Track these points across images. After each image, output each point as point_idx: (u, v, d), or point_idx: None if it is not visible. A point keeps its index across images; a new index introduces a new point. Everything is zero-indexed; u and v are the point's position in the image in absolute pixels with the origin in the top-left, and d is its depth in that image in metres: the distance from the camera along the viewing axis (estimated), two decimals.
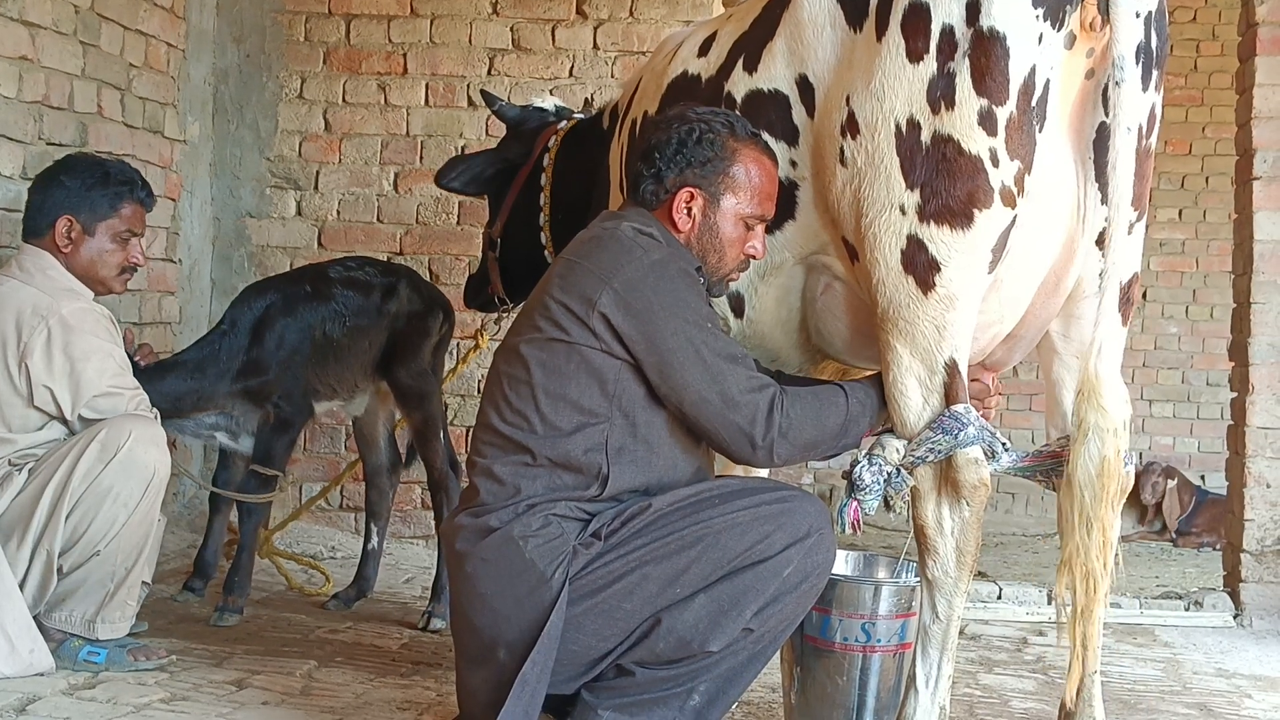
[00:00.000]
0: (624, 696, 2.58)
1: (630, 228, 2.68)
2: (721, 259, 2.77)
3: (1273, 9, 4.65)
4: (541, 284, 2.73)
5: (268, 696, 3.23)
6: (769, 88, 2.83)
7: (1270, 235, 4.66)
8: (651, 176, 2.74)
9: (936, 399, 2.62)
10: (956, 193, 2.53)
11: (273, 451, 4.19)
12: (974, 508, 2.64)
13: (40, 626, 3.30)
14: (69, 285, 3.45)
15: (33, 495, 3.28)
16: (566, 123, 4.06)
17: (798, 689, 2.93)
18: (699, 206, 2.73)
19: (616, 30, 5.65)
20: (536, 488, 2.59)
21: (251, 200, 5.76)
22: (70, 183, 3.50)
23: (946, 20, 2.52)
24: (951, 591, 2.66)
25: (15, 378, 3.33)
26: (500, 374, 2.69)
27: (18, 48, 4.20)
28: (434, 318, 4.52)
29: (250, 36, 5.75)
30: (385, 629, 4.11)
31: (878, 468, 2.63)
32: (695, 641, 2.53)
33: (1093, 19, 2.52)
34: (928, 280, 2.57)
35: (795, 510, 2.58)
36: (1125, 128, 2.51)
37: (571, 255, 2.70)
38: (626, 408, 2.60)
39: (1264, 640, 4.47)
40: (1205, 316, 9.11)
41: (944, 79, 2.52)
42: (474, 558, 2.59)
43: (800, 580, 2.57)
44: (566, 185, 3.90)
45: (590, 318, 2.57)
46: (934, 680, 2.68)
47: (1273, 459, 4.64)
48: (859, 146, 2.61)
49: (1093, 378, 2.56)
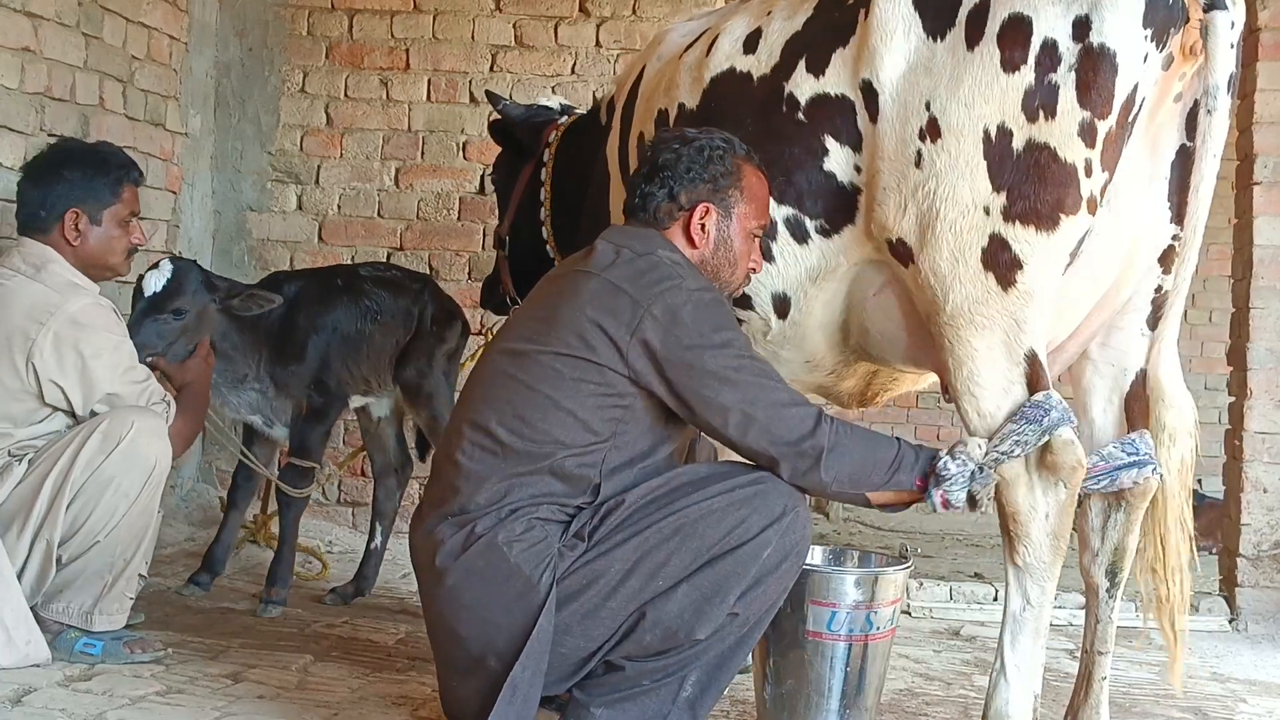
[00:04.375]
0: (615, 692, 2.58)
1: (666, 254, 2.69)
2: (733, 273, 2.81)
3: (1274, 14, 4.66)
4: (563, 294, 2.68)
5: (263, 690, 3.23)
6: (836, 92, 2.86)
7: (1270, 240, 4.66)
8: (664, 195, 2.75)
9: (1020, 389, 2.66)
10: (1046, 197, 2.61)
11: (307, 442, 4.27)
12: (1070, 490, 2.66)
13: (37, 618, 3.30)
14: (74, 280, 3.44)
15: (33, 485, 3.28)
16: (567, 119, 4.06)
17: (770, 683, 2.96)
18: (713, 222, 2.76)
19: (619, 28, 5.66)
20: (523, 494, 2.57)
21: (252, 194, 5.77)
22: (72, 174, 3.48)
23: (1050, 34, 2.59)
24: (1044, 577, 2.68)
25: (23, 375, 3.32)
26: (503, 375, 2.66)
27: (20, 39, 4.20)
28: (451, 327, 4.61)
29: (253, 30, 5.75)
30: (381, 624, 4.12)
31: (962, 460, 2.63)
32: (682, 631, 2.54)
33: (1194, 44, 2.60)
34: (1009, 277, 2.64)
35: (769, 492, 2.58)
36: (1212, 154, 2.63)
37: (607, 274, 2.65)
38: (632, 433, 2.61)
39: (1259, 645, 4.48)
40: (1204, 321, 9.11)
41: (1044, 89, 2.59)
42: (457, 570, 2.57)
43: (780, 560, 2.58)
44: (565, 181, 3.91)
45: (627, 343, 2.56)
46: (1028, 669, 2.70)
47: (1270, 464, 4.64)
48: (940, 149, 2.67)
49: (1159, 387, 2.76)
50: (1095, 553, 2.89)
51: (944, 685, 3.74)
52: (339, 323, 4.34)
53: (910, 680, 3.76)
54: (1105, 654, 2.91)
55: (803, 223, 2.92)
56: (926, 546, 5.94)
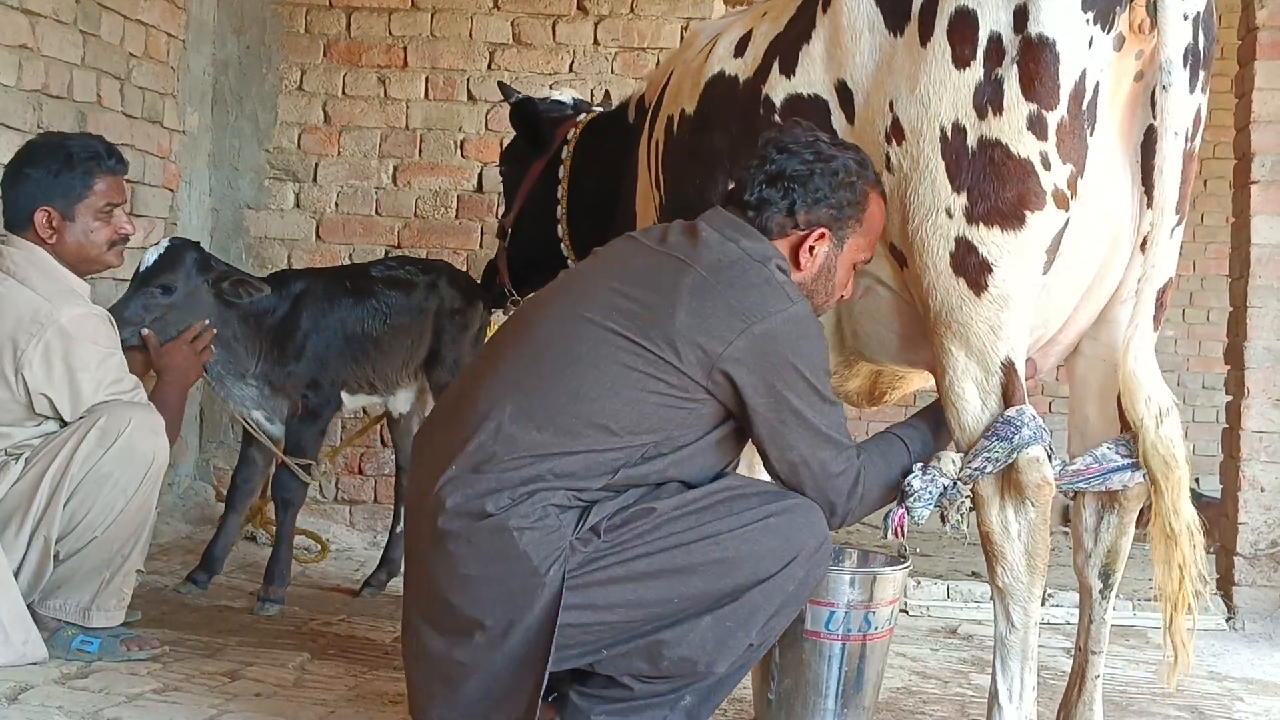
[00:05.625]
0: (617, 703, 2.53)
1: (779, 272, 2.57)
2: (827, 300, 2.71)
3: (1272, 13, 4.65)
4: (658, 283, 2.51)
5: (260, 688, 3.22)
6: (808, 92, 2.81)
7: (1268, 239, 4.66)
8: (784, 208, 2.62)
9: (995, 400, 2.59)
10: (1006, 195, 2.52)
11: (303, 441, 4.28)
12: (1039, 508, 2.60)
13: (34, 614, 3.30)
14: (67, 286, 3.39)
15: (31, 482, 3.27)
16: (586, 116, 4.04)
17: (768, 682, 2.95)
18: (825, 249, 2.64)
19: (617, 26, 5.65)
20: (543, 472, 2.45)
21: (250, 192, 5.76)
22: (35, 172, 3.38)
23: (994, 27, 2.51)
24: (1025, 598, 2.62)
25: (13, 385, 3.29)
26: (564, 341, 2.51)
27: (17, 36, 4.20)
28: (473, 310, 4.59)
29: (250, 28, 5.75)
30: (379, 622, 4.11)
31: (931, 478, 2.60)
32: (701, 663, 2.48)
33: (1141, 21, 2.50)
34: (979, 281, 2.56)
35: (801, 521, 2.52)
36: (1173, 132, 2.50)
37: (711, 275, 2.51)
38: (682, 430, 2.51)
39: (1256, 643, 4.48)
40: (1202, 319, 9.11)
41: (991, 85, 2.52)
42: (459, 538, 2.44)
43: (802, 590, 2.55)
44: (586, 179, 3.88)
45: (716, 356, 2.45)
46: (1018, 693, 2.65)
47: (1267, 463, 4.64)
48: (904, 152, 2.61)
49: (1131, 379, 2.58)
50: (1089, 554, 2.85)
51: (941, 684, 3.75)
52: (341, 324, 4.32)
53: (907, 679, 3.76)
54: (1099, 653, 2.89)
55: None
56: (924, 545, 5.93)
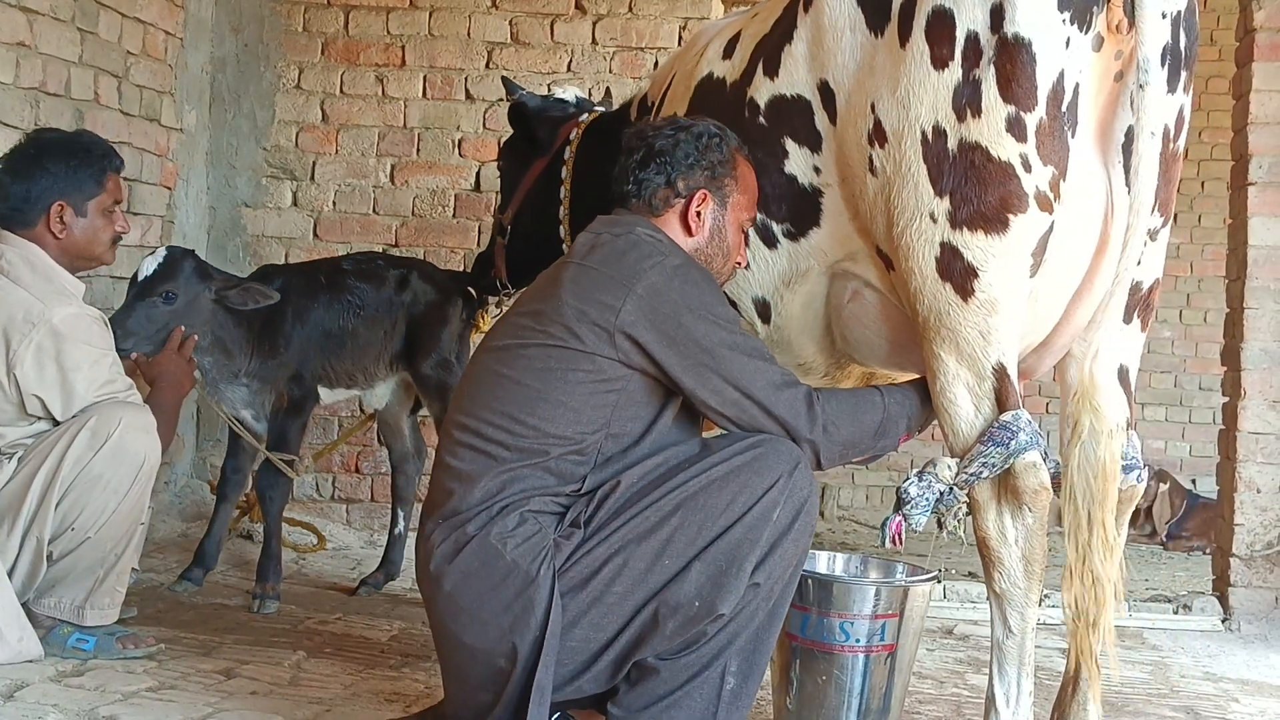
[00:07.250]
0: (655, 701, 2.50)
1: (645, 232, 2.64)
2: (725, 264, 2.76)
3: (1270, 15, 4.65)
4: (546, 288, 2.63)
5: (256, 686, 3.22)
6: (791, 93, 2.82)
7: (1265, 240, 4.66)
8: (662, 182, 2.70)
9: (988, 405, 2.57)
10: (988, 199, 2.51)
11: (287, 435, 4.29)
12: (1037, 514, 2.57)
13: (29, 613, 3.30)
14: (60, 285, 3.39)
15: (23, 482, 3.27)
16: (588, 115, 4.04)
17: (789, 692, 2.92)
18: (710, 210, 2.72)
19: (615, 25, 5.66)
20: (514, 490, 2.51)
21: (247, 190, 5.76)
22: (55, 167, 3.41)
23: (971, 27, 2.49)
24: (1022, 604, 2.60)
25: (5, 385, 3.29)
26: (490, 373, 2.61)
27: (15, 33, 4.19)
28: (448, 307, 4.56)
29: (248, 26, 5.74)
30: (375, 621, 4.11)
31: (927, 484, 2.59)
32: (702, 609, 2.45)
33: (1119, 21, 2.48)
34: (966, 287, 2.54)
35: (767, 453, 2.50)
36: (1149, 131, 2.47)
37: (585, 261, 2.61)
38: (626, 419, 2.55)
39: (1251, 645, 4.48)
40: (1199, 321, 9.12)
41: (969, 86, 2.50)
42: (452, 574, 2.50)
43: (792, 520, 2.49)
44: (590, 179, 3.88)
45: (612, 325, 2.50)
46: (1014, 699, 2.63)
47: (1264, 464, 4.65)
48: (887, 155, 2.60)
49: (1088, 381, 2.54)
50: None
51: (936, 684, 3.75)
52: (319, 317, 4.34)
53: None
54: None
55: (770, 227, 2.89)
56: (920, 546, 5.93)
